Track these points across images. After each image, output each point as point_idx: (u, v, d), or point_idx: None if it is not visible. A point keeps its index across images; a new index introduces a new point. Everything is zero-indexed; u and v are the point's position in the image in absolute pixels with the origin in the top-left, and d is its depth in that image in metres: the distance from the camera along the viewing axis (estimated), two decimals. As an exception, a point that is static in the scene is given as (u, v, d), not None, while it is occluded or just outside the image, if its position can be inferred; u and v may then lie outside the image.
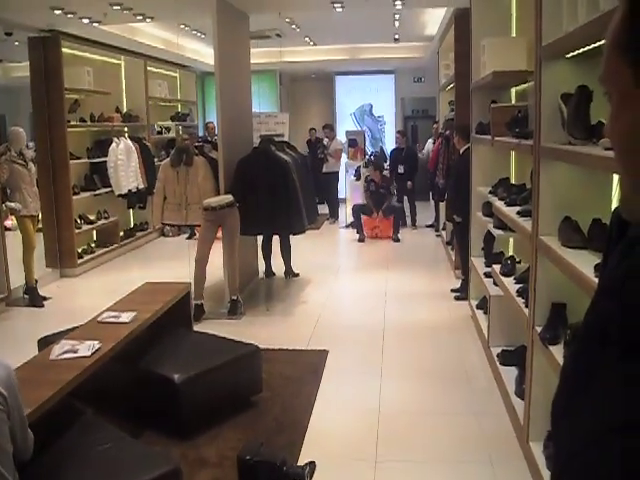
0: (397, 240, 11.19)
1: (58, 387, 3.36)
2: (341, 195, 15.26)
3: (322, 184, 13.02)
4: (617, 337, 0.73)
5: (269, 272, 8.84)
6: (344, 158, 14.05)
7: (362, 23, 10.87)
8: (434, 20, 10.58)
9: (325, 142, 13.89)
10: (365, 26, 11.19)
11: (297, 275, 8.76)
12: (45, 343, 4.51)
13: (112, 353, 4.03)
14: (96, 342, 4.00)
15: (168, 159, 7.53)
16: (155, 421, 4.42)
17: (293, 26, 10.70)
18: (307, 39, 12.58)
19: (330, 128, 14.20)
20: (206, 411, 4.45)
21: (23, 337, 6.02)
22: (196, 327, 6.06)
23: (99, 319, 4.63)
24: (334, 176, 13.84)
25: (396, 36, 12.10)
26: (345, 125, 16.05)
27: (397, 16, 9.83)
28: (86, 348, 3.90)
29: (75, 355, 3.82)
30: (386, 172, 12.21)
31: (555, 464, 0.82)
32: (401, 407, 4.88)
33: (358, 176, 12.94)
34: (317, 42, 13.14)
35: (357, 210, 11.53)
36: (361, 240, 11.30)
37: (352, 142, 13.67)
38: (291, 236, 8.28)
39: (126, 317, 4.61)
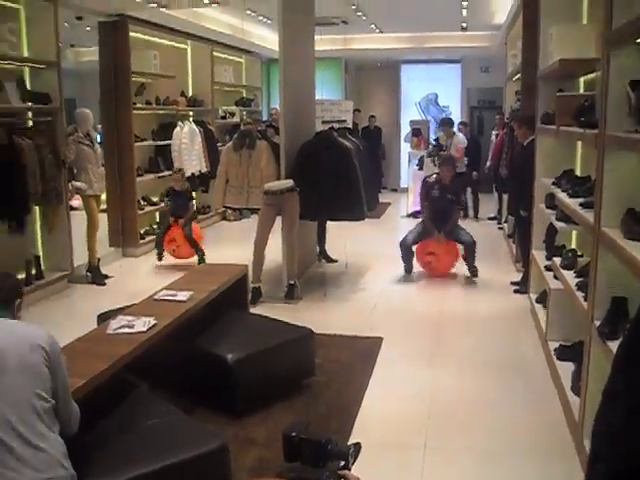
0: (474, 274, 8.05)
1: (113, 360, 3.43)
2: (403, 184, 15.24)
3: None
4: None
5: (325, 254, 8.91)
6: (407, 147, 13.94)
7: (429, 11, 10.75)
8: (503, 8, 10.39)
9: (441, 140, 11.80)
10: (432, 14, 11.05)
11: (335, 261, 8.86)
12: (104, 319, 4.60)
13: (167, 330, 4.10)
14: (152, 318, 4.07)
15: (231, 143, 7.59)
16: (207, 399, 4.47)
17: (359, 13, 10.65)
18: (373, 26, 12.50)
19: (449, 124, 11.82)
20: (258, 392, 4.49)
21: (84, 313, 6.15)
22: (252, 310, 6.11)
23: (156, 297, 4.72)
24: (461, 179, 11.65)
25: (464, 24, 11.91)
26: (410, 114, 15.92)
27: (465, 4, 9.68)
28: (142, 324, 3.98)
29: (131, 330, 3.90)
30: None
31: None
32: (453, 397, 4.84)
33: (421, 166, 12.83)
34: (383, 30, 13.05)
35: (408, 242, 8.19)
36: (408, 271, 8.25)
37: (416, 131, 13.53)
38: (351, 222, 8.25)
39: (182, 296, 4.68)
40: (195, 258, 8.56)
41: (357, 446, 2.21)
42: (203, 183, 11.01)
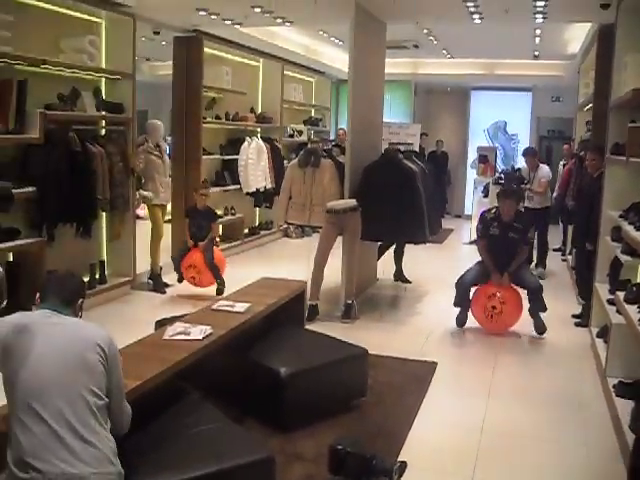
0: (542, 329, 6.85)
1: (167, 365, 3.50)
2: (467, 211, 15.12)
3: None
4: None
5: (401, 275, 8.97)
6: (473, 174, 13.84)
7: (501, 37, 10.68)
8: (577, 37, 10.25)
9: (524, 172, 10.17)
10: (504, 41, 10.98)
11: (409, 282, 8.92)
12: (162, 325, 4.68)
13: (223, 340, 4.14)
14: (208, 327, 4.13)
15: (296, 159, 7.66)
16: (257, 411, 4.50)
17: (431, 37, 10.66)
18: (444, 51, 12.49)
19: (533, 154, 10.10)
20: (308, 407, 4.49)
21: (143, 319, 6.26)
22: (308, 327, 6.12)
23: (214, 307, 4.78)
24: (540, 214, 9.57)
25: (536, 53, 11.81)
26: (477, 141, 15.82)
27: (538, 32, 9.59)
28: (198, 332, 4.04)
29: (187, 337, 3.96)
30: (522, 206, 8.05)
31: None
32: (506, 429, 4.73)
33: (486, 193, 12.71)
34: (454, 55, 13.01)
35: (464, 284, 6.99)
36: (460, 324, 7.03)
37: (482, 158, 13.43)
38: (412, 246, 8.23)
39: (240, 307, 4.74)
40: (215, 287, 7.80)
41: (402, 465, 2.21)
42: (267, 199, 11.14)
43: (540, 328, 6.85)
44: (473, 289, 7.01)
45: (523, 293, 6.96)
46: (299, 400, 4.44)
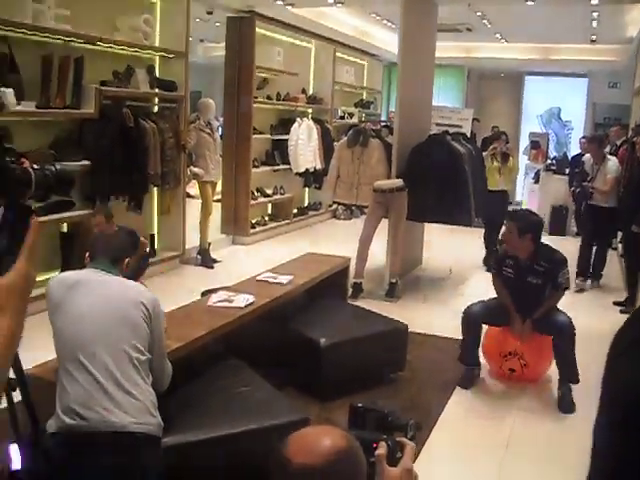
0: (569, 408, 4.74)
1: (209, 329, 3.62)
2: (518, 197, 14.97)
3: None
4: None
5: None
6: (524, 159, 13.71)
7: (557, 21, 10.51)
8: (637, 19, 10.03)
9: (588, 163, 8.18)
10: (560, 24, 10.80)
11: None
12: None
13: (264, 309, 4.27)
14: (251, 296, 4.25)
15: (345, 139, 7.74)
16: (295, 380, 4.60)
17: (484, 21, 10.58)
18: (498, 35, 12.37)
19: (598, 143, 8.18)
20: (345, 378, 4.56)
21: (190, 291, 6.42)
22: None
23: (258, 278, 4.91)
24: (604, 214, 7.83)
25: (593, 37, 11.59)
26: (530, 127, 15.64)
27: (595, 14, 9.42)
28: (241, 300, 4.17)
29: (230, 305, 4.09)
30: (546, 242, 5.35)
31: None
32: (540, 411, 4.77)
33: (537, 179, 12.63)
34: (508, 39, 12.88)
35: (473, 313, 5.05)
36: (465, 386, 5.00)
37: (535, 144, 13.31)
38: (459, 228, 8.22)
39: (283, 279, 4.86)
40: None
41: (417, 424, 2.29)
42: (317, 180, 11.22)
43: (566, 406, 4.77)
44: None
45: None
46: (337, 370, 4.53)
